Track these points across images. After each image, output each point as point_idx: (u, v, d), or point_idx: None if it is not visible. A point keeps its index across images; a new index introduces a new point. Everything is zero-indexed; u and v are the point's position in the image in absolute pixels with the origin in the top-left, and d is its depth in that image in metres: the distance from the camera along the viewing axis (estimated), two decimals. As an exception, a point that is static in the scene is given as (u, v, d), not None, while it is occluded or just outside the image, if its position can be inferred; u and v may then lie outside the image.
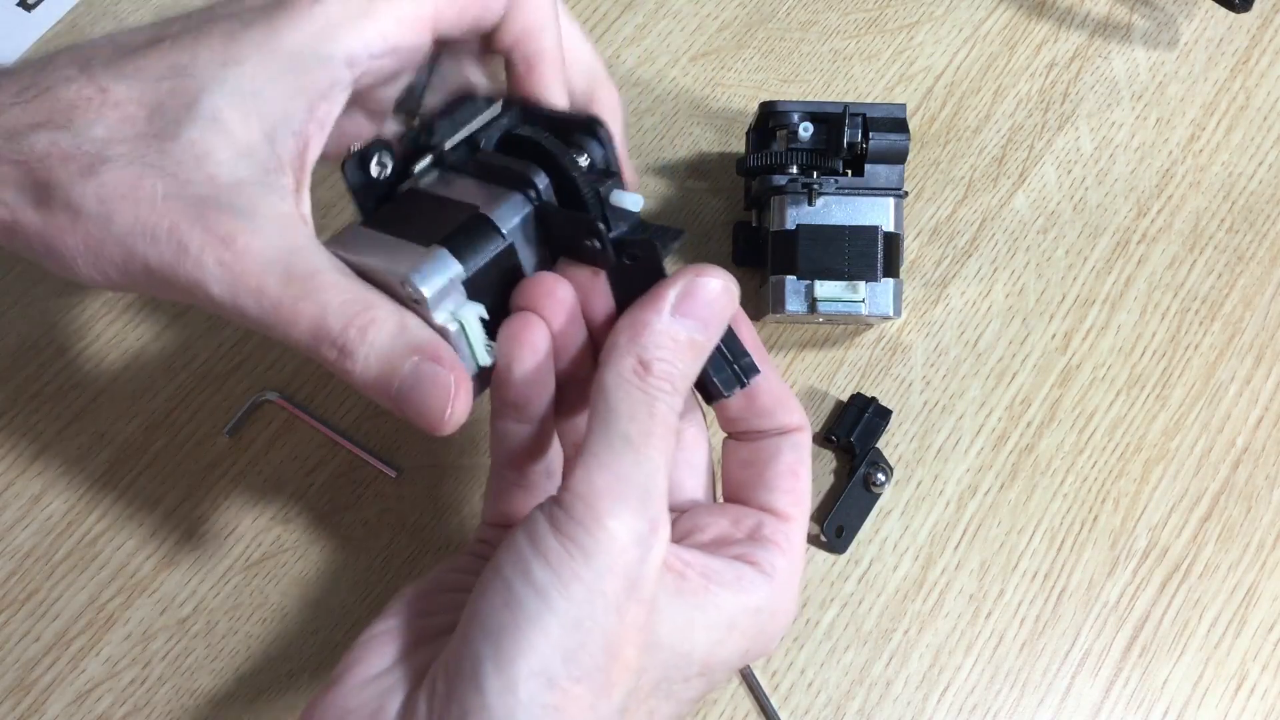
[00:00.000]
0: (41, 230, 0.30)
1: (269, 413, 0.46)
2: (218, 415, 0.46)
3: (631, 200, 0.32)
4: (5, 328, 0.47)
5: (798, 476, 0.35)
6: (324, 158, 0.32)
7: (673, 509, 0.32)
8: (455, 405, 0.29)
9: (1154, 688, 0.45)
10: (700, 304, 0.30)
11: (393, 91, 0.34)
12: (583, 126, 0.33)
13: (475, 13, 0.33)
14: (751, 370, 0.33)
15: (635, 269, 0.31)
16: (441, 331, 0.30)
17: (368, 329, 0.29)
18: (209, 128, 0.30)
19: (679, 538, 0.33)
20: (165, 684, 0.43)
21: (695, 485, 0.36)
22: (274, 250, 0.29)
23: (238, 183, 0.30)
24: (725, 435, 0.36)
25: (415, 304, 0.30)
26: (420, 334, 0.30)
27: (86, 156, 0.29)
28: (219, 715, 0.42)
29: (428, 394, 0.30)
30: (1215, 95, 0.53)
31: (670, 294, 0.30)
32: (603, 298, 0.32)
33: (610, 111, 0.38)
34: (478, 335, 0.31)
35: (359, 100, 0.33)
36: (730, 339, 0.33)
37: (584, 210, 0.32)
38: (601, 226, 0.31)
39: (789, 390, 0.35)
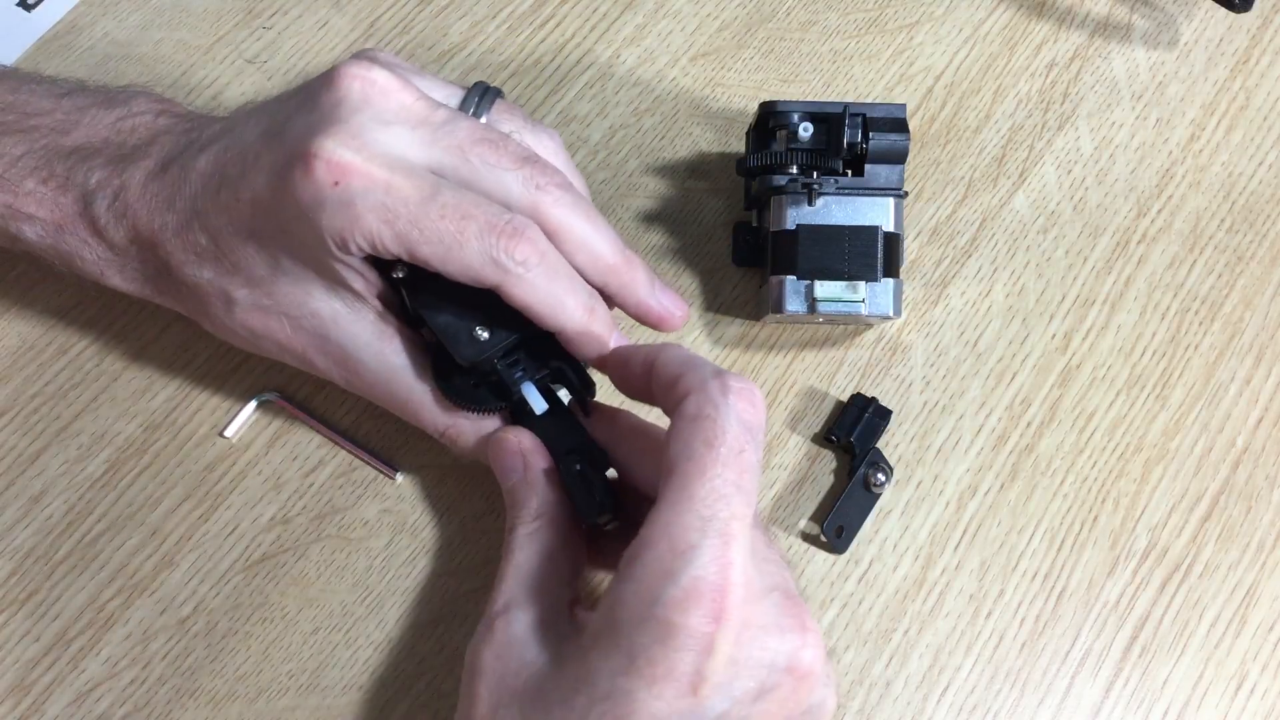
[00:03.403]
0: (209, 329, 0.42)
1: (269, 413, 0.46)
2: (218, 415, 0.46)
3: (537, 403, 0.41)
4: (5, 328, 0.47)
5: (643, 432, 0.39)
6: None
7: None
8: (526, 456, 0.40)
9: (1154, 688, 0.45)
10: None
11: None
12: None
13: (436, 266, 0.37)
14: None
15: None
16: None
17: (457, 438, 0.41)
18: (297, 279, 0.38)
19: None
20: (165, 684, 0.43)
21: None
22: (376, 375, 0.40)
23: (335, 316, 0.39)
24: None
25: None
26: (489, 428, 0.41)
27: (222, 294, 0.39)
28: (219, 715, 0.42)
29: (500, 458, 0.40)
30: (1215, 95, 0.53)
31: None
32: None
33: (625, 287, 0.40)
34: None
35: None
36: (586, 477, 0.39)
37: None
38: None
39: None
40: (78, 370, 0.46)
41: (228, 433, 0.45)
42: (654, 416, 0.40)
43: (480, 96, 0.40)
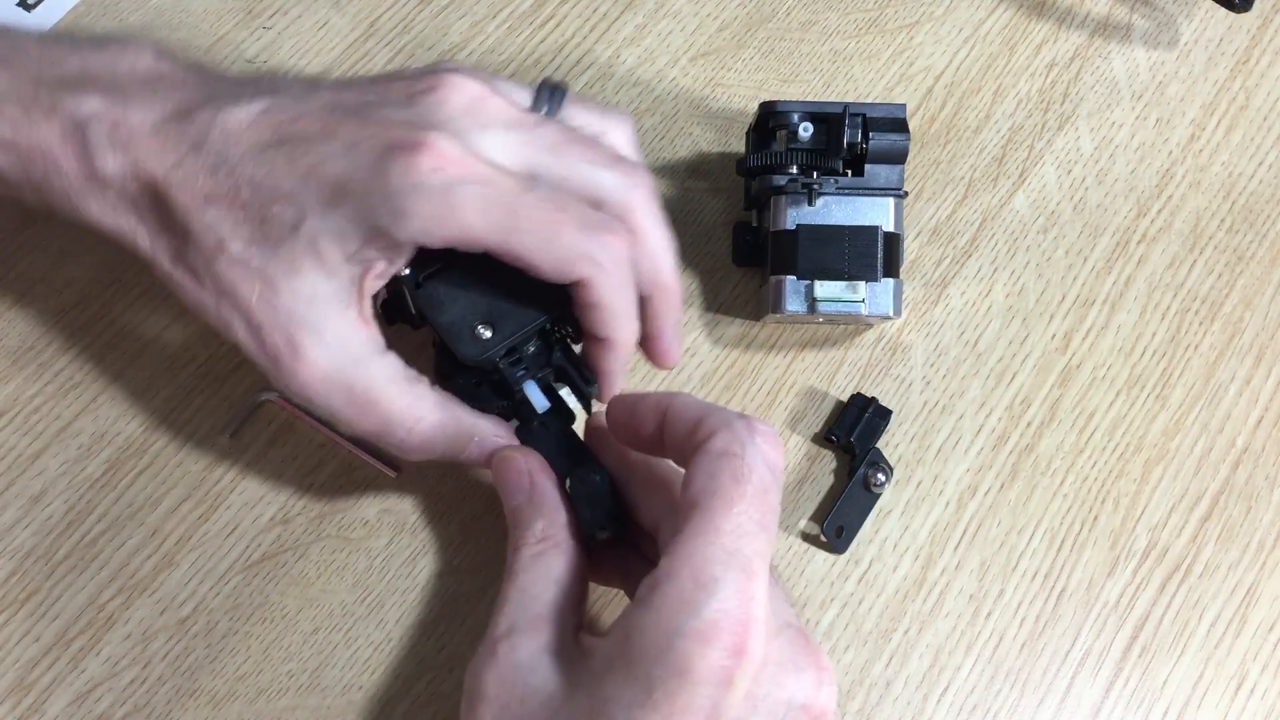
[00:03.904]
0: (170, 274, 0.39)
1: (269, 413, 0.46)
2: (218, 415, 0.46)
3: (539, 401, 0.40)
4: (5, 328, 0.47)
5: (667, 485, 0.38)
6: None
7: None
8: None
9: (1154, 688, 0.45)
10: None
11: None
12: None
13: (539, 275, 0.37)
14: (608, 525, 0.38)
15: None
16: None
17: (431, 437, 0.39)
18: (305, 249, 0.37)
19: None
20: (165, 684, 0.43)
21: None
22: (336, 362, 0.38)
23: (315, 297, 0.37)
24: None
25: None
26: (469, 420, 0.40)
27: (216, 240, 0.38)
28: (219, 715, 0.42)
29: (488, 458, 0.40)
30: (1215, 95, 0.53)
31: None
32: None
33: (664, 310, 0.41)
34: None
35: None
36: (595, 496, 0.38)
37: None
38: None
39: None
40: (78, 370, 0.46)
41: (227, 433, 0.45)
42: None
43: (550, 94, 0.41)
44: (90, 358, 0.46)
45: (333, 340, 0.38)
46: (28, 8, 0.52)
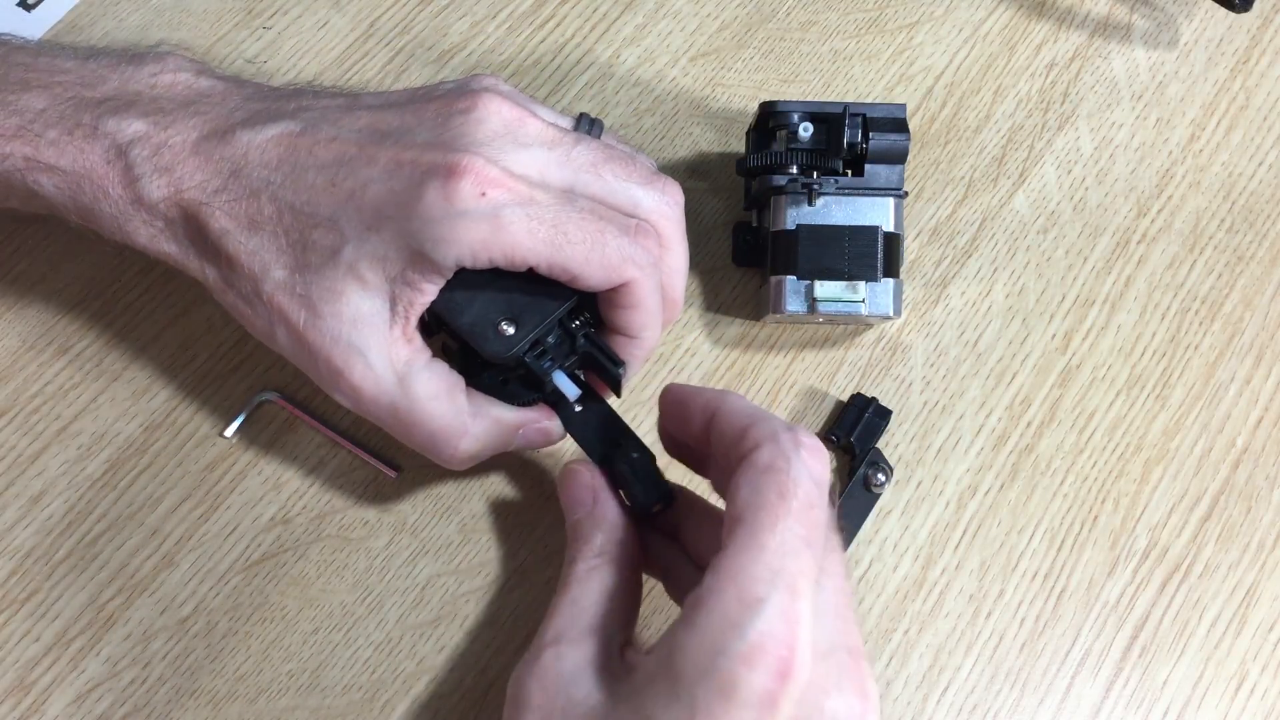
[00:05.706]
0: (223, 298, 0.40)
1: (269, 413, 0.46)
2: (218, 415, 0.46)
3: (569, 389, 0.41)
4: (5, 328, 0.47)
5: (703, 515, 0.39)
6: None
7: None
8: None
9: (1154, 688, 0.45)
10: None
11: None
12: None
13: (583, 284, 0.38)
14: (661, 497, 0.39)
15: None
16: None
17: (477, 450, 0.40)
18: (345, 274, 0.38)
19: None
20: (165, 684, 0.43)
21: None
22: (382, 383, 0.38)
23: (358, 318, 0.38)
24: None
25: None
26: (510, 417, 0.41)
27: (261, 267, 0.38)
28: (219, 715, 0.42)
29: (536, 442, 0.42)
30: (1215, 95, 0.53)
31: None
32: None
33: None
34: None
35: None
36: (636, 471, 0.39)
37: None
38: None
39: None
40: (78, 370, 0.46)
41: (227, 433, 0.45)
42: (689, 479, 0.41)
43: (589, 127, 0.42)
44: (90, 358, 0.46)
45: (377, 360, 0.38)
46: (28, 8, 0.52)
